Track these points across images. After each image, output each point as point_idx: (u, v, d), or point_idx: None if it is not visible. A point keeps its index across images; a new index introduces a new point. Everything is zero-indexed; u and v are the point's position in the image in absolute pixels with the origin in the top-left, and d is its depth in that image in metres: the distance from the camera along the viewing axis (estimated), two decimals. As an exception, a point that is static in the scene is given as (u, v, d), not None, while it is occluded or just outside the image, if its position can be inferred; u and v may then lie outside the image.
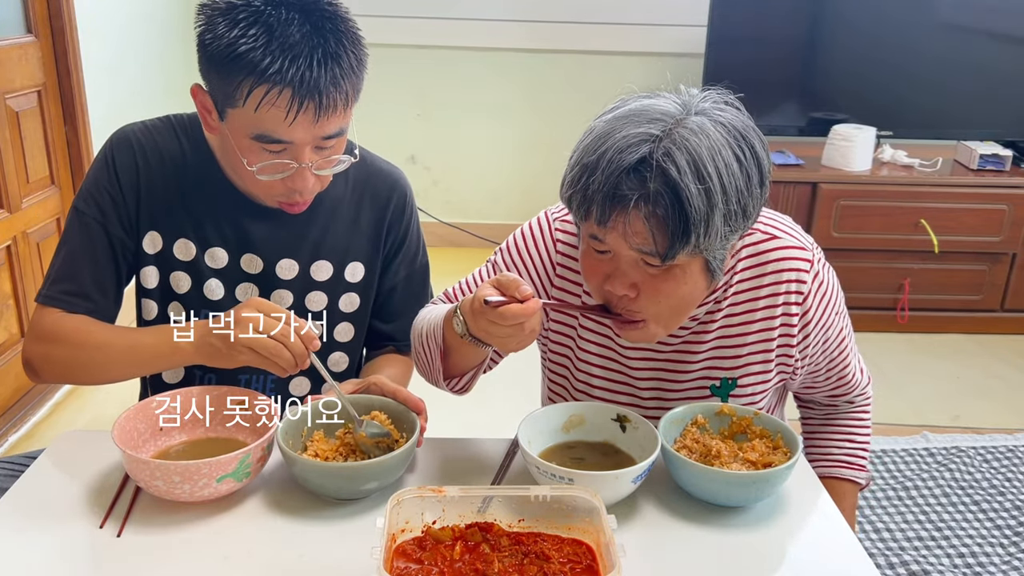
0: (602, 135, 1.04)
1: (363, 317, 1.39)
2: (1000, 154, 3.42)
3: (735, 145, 1.03)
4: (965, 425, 2.80)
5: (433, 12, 3.89)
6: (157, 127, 1.30)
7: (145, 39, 3.31)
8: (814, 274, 1.22)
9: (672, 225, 1.00)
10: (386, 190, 1.37)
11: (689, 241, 1.01)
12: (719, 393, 1.27)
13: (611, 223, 1.03)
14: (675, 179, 0.99)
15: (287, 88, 1.08)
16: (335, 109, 1.12)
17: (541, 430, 1.20)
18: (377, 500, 1.11)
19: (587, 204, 1.04)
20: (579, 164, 1.06)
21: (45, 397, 2.68)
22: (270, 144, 1.13)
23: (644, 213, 1.01)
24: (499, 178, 4.20)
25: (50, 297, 1.26)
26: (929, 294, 3.46)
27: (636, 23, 3.88)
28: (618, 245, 1.06)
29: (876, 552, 2.12)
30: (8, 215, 2.51)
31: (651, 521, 1.11)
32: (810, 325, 1.23)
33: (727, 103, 1.08)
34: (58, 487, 1.12)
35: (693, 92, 1.09)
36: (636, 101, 1.08)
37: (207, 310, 1.31)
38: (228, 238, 1.30)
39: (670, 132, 1.01)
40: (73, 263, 1.27)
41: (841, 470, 1.36)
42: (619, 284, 1.09)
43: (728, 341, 1.25)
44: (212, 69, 1.12)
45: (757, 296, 1.22)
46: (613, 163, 1.01)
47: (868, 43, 3.51)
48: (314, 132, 1.13)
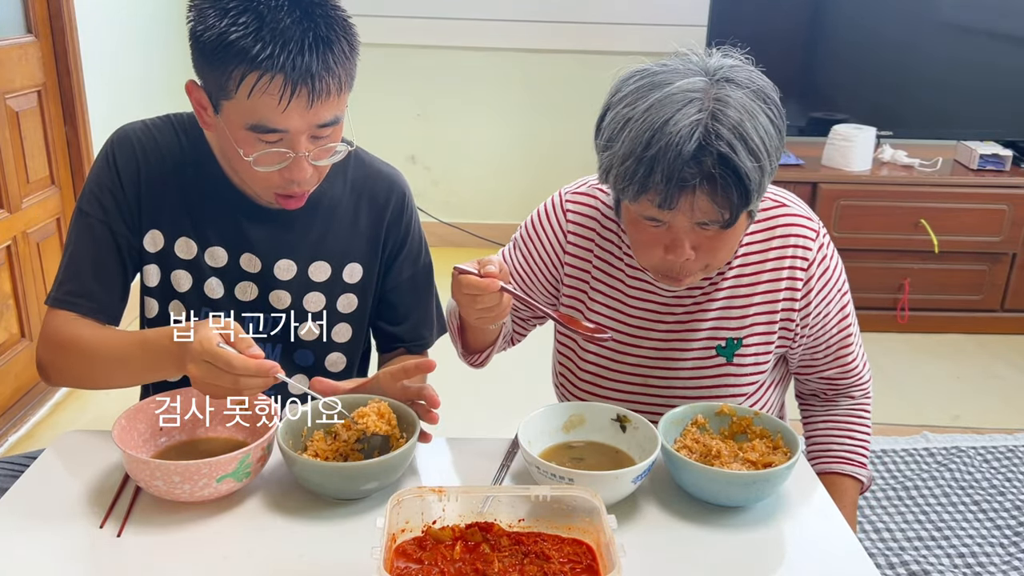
0: (649, 127, 1.08)
1: (361, 318, 1.39)
2: (1000, 154, 3.42)
3: (766, 108, 1.11)
4: (965, 425, 2.80)
5: (433, 12, 3.89)
6: (157, 125, 1.30)
7: (145, 39, 3.31)
8: (819, 245, 1.30)
9: (735, 198, 1.09)
10: (384, 191, 1.37)
11: (747, 206, 1.11)
12: (724, 353, 1.32)
13: (677, 206, 1.10)
14: (733, 160, 1.06)
15: (279, 74, 1.07)
16: (328, 94, 1.12)
17: (541, 430, 1.20)
18: (377, 500, 1.11)
19: (645, 192, 1.10)
20: (633, 157, 1.09)
21: (45, 397, 2.68)
22: (265, 134, 1.13)
23: (707, 193, 1.08)
24: (499, 178, 4.20)
25: (57, 299, 1.27)
26: (929, 294, 3.46)
27: (636, 23, 3.88)
28: (679, 220, 1.13)
29: (876, 552, 2.12)
30: (8, 215, 2.51)
31: (651, 521, 1.11)
32: (812, 293, 1.30)
33: (740, 62, 1.15)
34: (58, 487, 1.12)
35: (699, 54, 1.16)
36: (654, 76, 1.13)
37: (207, 309, 1.31)
38: (227, 237, 1.30)
39: (713, 112, 1.07)
40: (77, 264, 1.27)
41: (841, 465, 1.37)
42: (680, 251, 1.16)
43: (735, 301, 1.31)
44: (205, 61, 1.12)
45: (765, 259, 1.30)
46: (670, 154, 1.06)
47: (868, 43, 3.51)
48: (308, 119, 1.12)
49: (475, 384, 2.63)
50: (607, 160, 1.13)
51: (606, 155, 1.14)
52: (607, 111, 1.17)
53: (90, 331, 1.25)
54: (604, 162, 1.14)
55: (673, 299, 1.32)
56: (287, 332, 1.34)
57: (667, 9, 3.84)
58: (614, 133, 1.12)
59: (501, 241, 4.19)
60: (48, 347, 1.27)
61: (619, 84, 1.17)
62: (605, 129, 1.15)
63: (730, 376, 1.34)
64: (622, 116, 1.12)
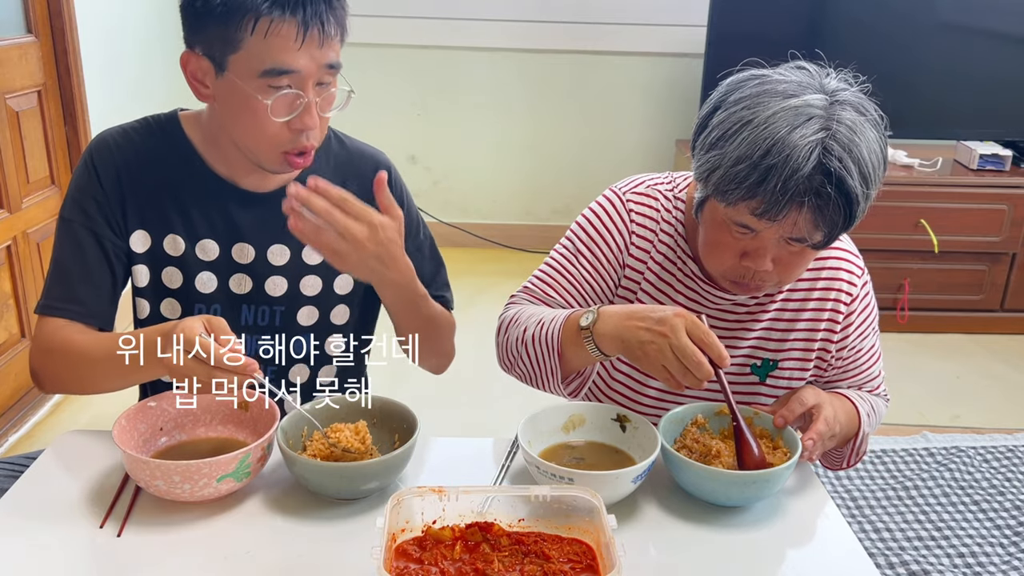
0: (770, 135, 1.06)
1: (357, 298, 1.40)
2: (1000, 154, 3.42)
3: (877, 136, 1.11)
4: (965, 425, 2.80)
5: (433, 12, 3.89)
6: (135, 128, 1.31)
7: (145, 39, 3.31)
8: (863, 283, 1.33)
9: (839, 220, 1.09)
10: (370, 171, 1.35)
11: (847, 229, 1.12)
12: (759, 372, 1.34)
13: (779, 219, 1.09)
14: (848, 185, 1.06)
15: (292, 16, 1.14)
16: (332, 36, 1.18)
17: (541, 430, 1.20)
18: (377, 500, 1.11)
19: (751, 199, 1.08)
20: (747, 162, 1.07)
21: (45, 397, 2.67)
22: (278, 77, 1.16)
23: (813, 211, 1.08)
24: (499, 178, 4.20)
25: (46, 306, 1.27)
26: (929, 294, 3.46)
27: (636, 23, 3.88)
28: (771, 232, 1.12)
29: (876, 552, 2.12)
30: (8, 215, 2.51)
31: (651, 521, 1.11)
32: (850, 327, 1.33)
33: (849, 85, 1.14)
34: (58, 487, 1.12)
35: (814, 69, 1.15)
36: (775, 84, 1.11)
37: (201, 304, 1.32)
38: (217, 228, 1.31)
39: (832, 131, 1.06)
40: (63, 270, 1.28)
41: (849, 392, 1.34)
42: (761, 261, 1.15)
43: (779, 324, 1.32)
44: (211, 20, 1.15)
45: (813, 287, 1.32)
46: (789, 167, 1.05)
47: (868, 42, 3.51)
48: (318, 58, 1.17)
49: (475, 384, 2.63)
50: (714, 159, 1.11)
51: (712, 154, 1.11)
52: (717, 110, 1.14)
53: (81, 336, 1.24)
54: (709, 161, 1.12)
55: (719, 312, 1.32)
56: (286, 322, 1.35)
57: (667, 9, 3.84)
58: (727, 133, 1.10)
59: (501, 241, 4.19)
60: (40, 354, 1.27)
61: (734, 84, 1.15)
62: (715, 128, 1.12)
63: (761, 396, 1.34)
64: (739, 118, 1.10)
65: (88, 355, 1.22)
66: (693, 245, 1.30)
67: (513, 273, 3.88)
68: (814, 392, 1.21)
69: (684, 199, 1.33)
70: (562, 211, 4.19)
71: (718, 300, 1.31)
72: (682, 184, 1.34)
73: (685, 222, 1.32)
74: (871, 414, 1.35)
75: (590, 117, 4.07)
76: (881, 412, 1.41)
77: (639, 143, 4.08)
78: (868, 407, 1.34)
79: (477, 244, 4.17)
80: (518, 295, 1.38)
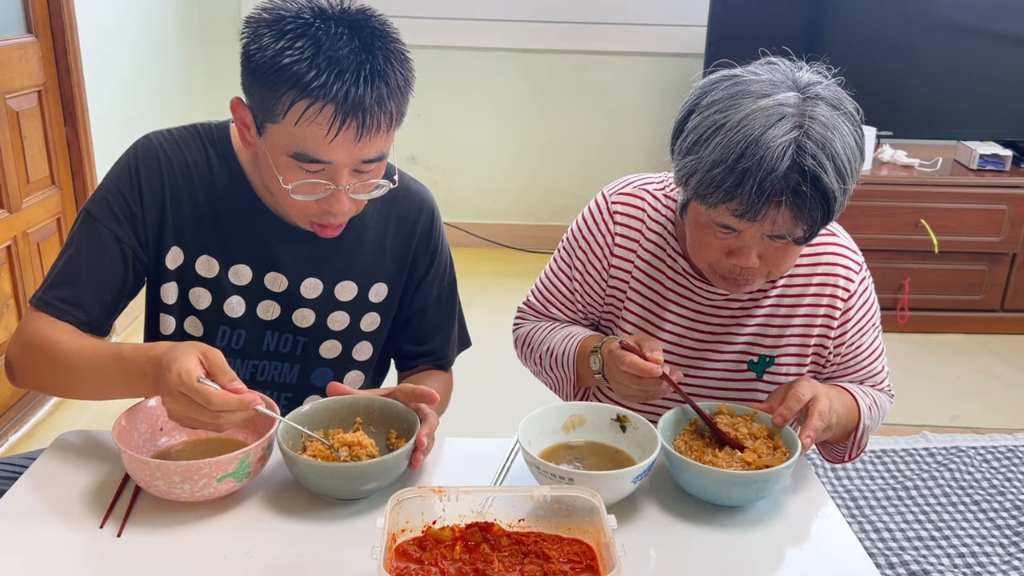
0: (743, 138, 1.07)
1: (381, 336, 1.38)
2: (1000, 154, 3.42)
3: (852, 129, 1.11)
4: (965, 425, 2.80)
5: (433, 12, 3.89)
6: (184, 137, 1.25)
7: (145, 39, 3.31)
8: (860, 278, 1.32)
9: (818, 216, 1.10)
10: (413, 212, 1.34)
11: (826, 224, 1.13)
12: (755, 369, 1.34)
13: (759, 219, 1.09)
14: (824, 182, 1.07)
15: (330, 104, 1.04)
16: (378, 129, 1.09)
17: (541, 430, 1.20)
18: (377, 500, 1.11)
19: (729, 201, 1.09)
20: (723, 166, 1.08)
21: (45, 397, 2.67)
22: (308, 163, 1.09)
23: (791, 209, 1.09)
24: (499, 178, 4.20)
25: (44, 301, 1.21)
26: (929, 294, 3.46)
27: (636, 23, 3.88)
28: (753, 231, 1.13)
29: (876, 552, 2.12)
30: (8, 215, 2.51)
31: (651, 521, 1.11)
32: (848, 323, 1.32)
33: (825, 78, 1.15)
34: (58, 487, 1.12)
35: (788, 65, 1.16)
36: (746, 84, 1.12)
37: (225, 327, 1.28)
38: (254, 256, 1.26)
39: (807, 130, 1.07)
40: (74, 269, 1.21)
41: (851, 388, 1.34)
42: (746, 258, 1.16)
43: (774, 320, 1.32)
44: (255, 82, 1.08)
45: (808, 283, 1.31)
46: (763, 168, 1.06)
47: (868, 43, 3.51)
48: (354, 154, 1.09)
49: (476, 385, 2.63)
50: (691, 164, 1.12)
51: (689, 159, 1.12)
52: (691, 114, 1.15)
53: (67, 337, 1.18)
54: (687, 166, 1.13)
55: (712, 308, 1.32)
56: (308, 352, 1.32)
57: (667, 9, 3.85)
58: (701, 138, 1.11)
59: (501, 241, 4.19)
60: (20, 347, 1.20)
61: (706, 87, 1.15)
62: (690, 132, 1.13)
63: (757, 392, 1.34)
64: (712, 122, 1.10)
65: (71, 362, 1.15)
66: (683, 243, 1.31)
67: (513, 273, 3.88)
68: (810, 385, 1.20)
69: (676, 198, 1.33)
70: (562, 211, 4.19)
71: (711, 296, 1.32)
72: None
73: (675, 220, 1.32)
74: (872, 408, 1.35)
75: (590, 117, 4.07)
76: (884, 407, 1.41)
77: (639, 143, 4.08)
78: (870, 400, 1.35)
79: (477, 244, 4.17)
80: (524, 310, 1.47)
